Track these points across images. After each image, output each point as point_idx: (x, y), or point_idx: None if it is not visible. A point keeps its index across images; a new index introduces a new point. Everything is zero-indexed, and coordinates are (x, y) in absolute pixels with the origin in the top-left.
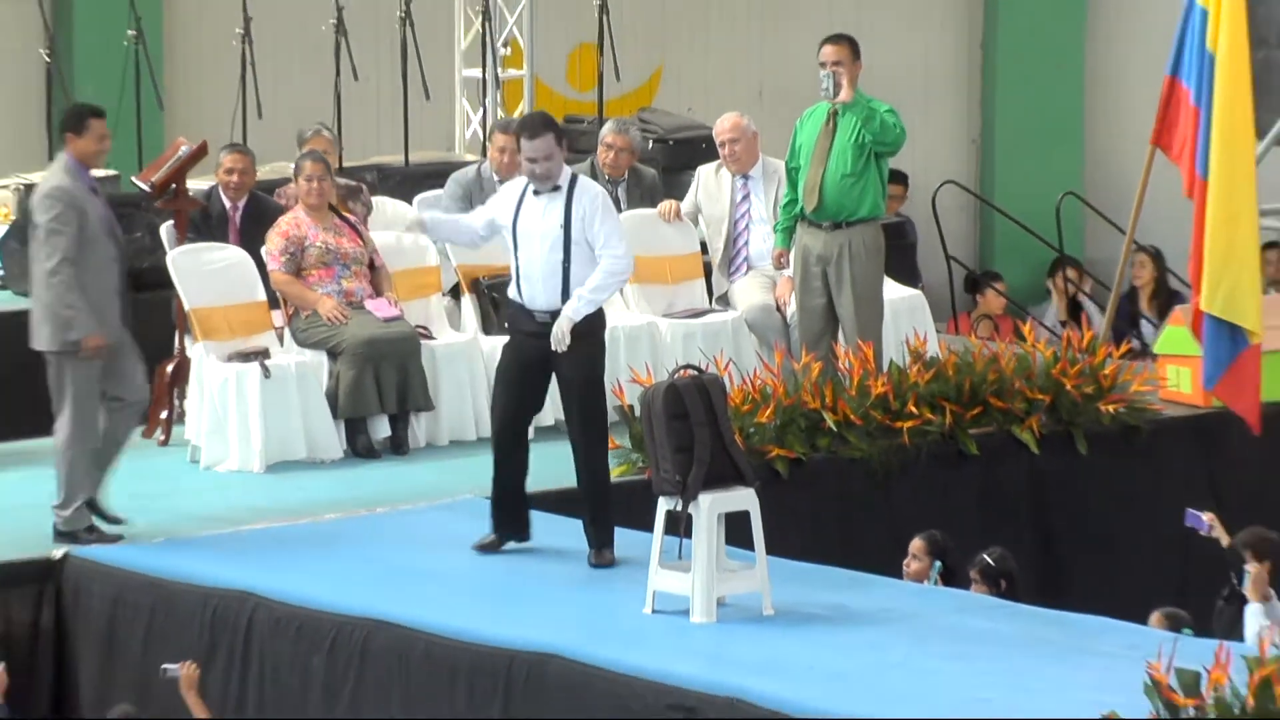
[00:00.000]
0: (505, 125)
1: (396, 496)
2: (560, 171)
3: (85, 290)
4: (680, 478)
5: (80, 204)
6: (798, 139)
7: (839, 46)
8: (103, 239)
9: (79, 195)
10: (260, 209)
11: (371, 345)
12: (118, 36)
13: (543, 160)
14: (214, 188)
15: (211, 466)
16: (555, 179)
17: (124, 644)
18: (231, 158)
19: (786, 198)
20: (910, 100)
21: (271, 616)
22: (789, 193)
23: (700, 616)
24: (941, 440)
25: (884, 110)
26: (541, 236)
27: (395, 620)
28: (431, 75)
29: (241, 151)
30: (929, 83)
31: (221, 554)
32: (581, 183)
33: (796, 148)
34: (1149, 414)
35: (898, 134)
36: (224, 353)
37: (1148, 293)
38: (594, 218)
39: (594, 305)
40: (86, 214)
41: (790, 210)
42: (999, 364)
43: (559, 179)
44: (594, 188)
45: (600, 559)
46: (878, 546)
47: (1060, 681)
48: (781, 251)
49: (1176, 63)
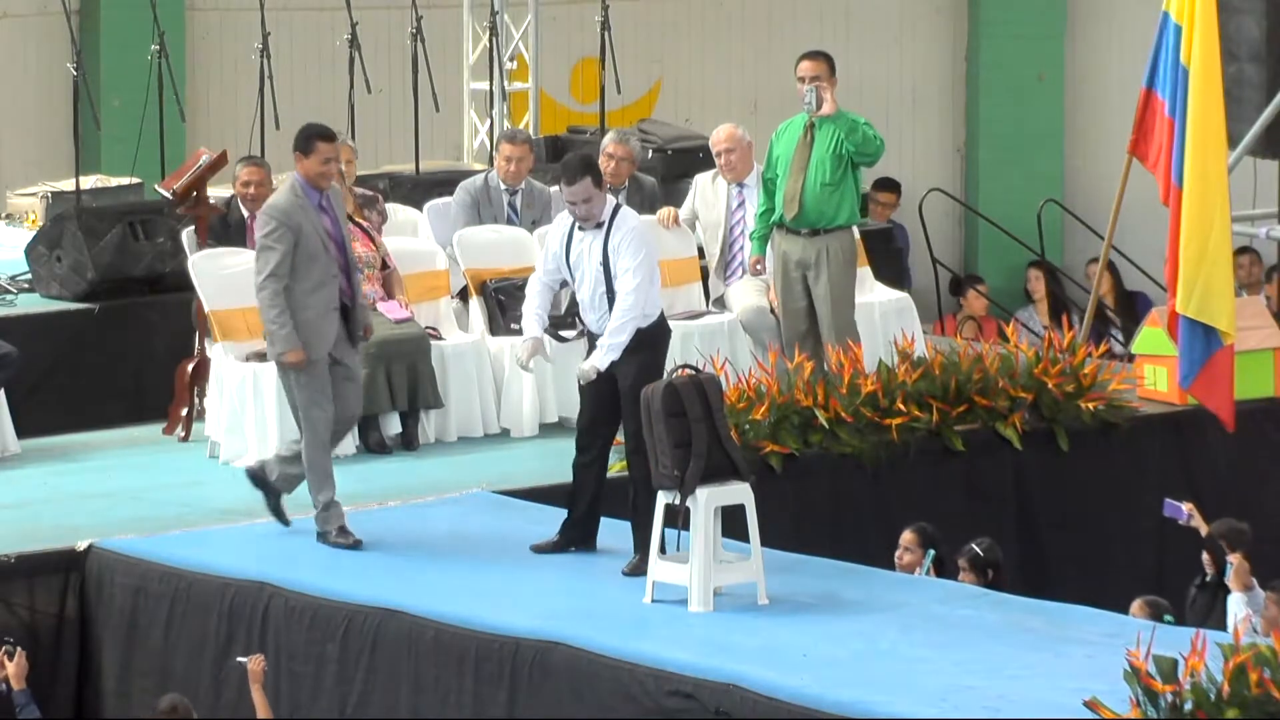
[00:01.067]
0: (512, 136)
1: (407, 490)
2: (602, 209)
3: (298, 307)
4: (679, 473)
5: (296, 221)
6: (774, 150)
7: (817, 62)
8: (322, 257)
9: (296, 213)
10: None
11: (383, 346)
12: (142, 51)
13: (582, 203)
14: (233, 197)
15: (230, 462)
16: (597, 218)
17: (145, 632)
18: (248, 170)
19: (762, 206)
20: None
21: (287, 606)
22: (764, 201)
23: (698, 606)
24: (929, 436)
25: (863, 123)
26: (588, 271)
27: (405, 609)
28: (441, 88)
29: (257, 164)
30: (916, 94)
31: (239, 546)
32: (620, 216)
33: (774, 159)
34: (1127, 411)
35: (878, 145)
36: (242, 353)
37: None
38: (622, 252)
39: (617, 350)
40: (303, 231)
41: (767, 219)
42: (983, 363)
43: (601, 216)
44: (629, 221)
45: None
46: (867, 538)
47: (1043, 669)
48: (758, 258)
49: (1152, 76)
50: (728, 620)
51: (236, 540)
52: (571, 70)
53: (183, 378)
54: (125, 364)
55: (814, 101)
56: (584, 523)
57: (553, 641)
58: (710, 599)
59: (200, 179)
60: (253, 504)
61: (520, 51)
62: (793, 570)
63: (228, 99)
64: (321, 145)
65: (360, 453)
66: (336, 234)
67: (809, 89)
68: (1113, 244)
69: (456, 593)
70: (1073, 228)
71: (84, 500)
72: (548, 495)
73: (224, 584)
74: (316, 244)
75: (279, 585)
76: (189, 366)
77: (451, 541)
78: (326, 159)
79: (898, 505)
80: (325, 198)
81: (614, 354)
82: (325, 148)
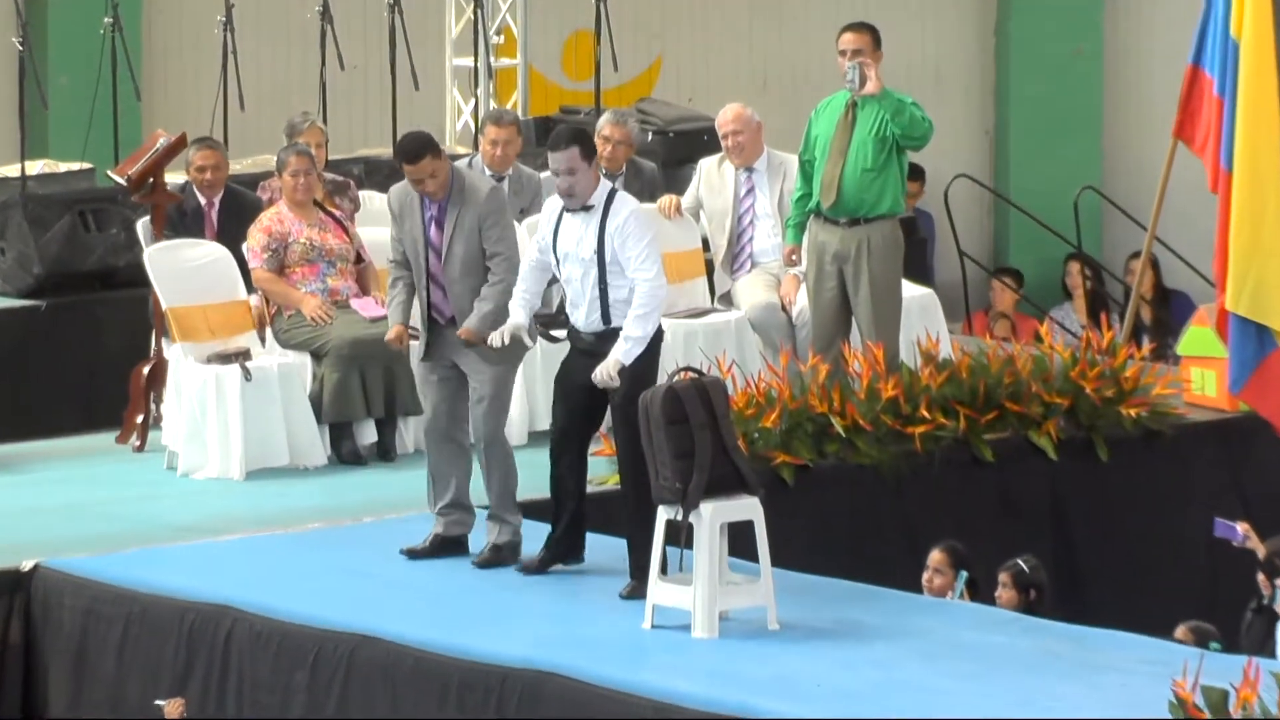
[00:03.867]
0: (498, 117)
1: (383, 505)
2: (590, 190)
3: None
4: (681, 485)
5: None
6: (813, 130)
7: (859, 34)
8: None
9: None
10: (238, 204)
11: (357, 346)
12: (94, 24)
13: (565, 174)
14: (187, 184)
15: (189, 473)
16: (583, 198)
17: (96, 660)
18: (202, 154)
19: (799, 191)
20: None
21: (251, 631)
22: (801, 186)
23: (702, 632)
24: (955, 446)
25: (910, 103)
26: (578, 260)
27: (382, 635)
28: (421, 64)
29: (211, 147)
30: (940, 72)
31: (199, 565)
32: (617, 201)
33: (811, 140)
34: (1172, 418)
35: (926, 128)
36: (203, 354)
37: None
38: (626, 239)
39: (643, 342)
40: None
41: (803, 205)
42: (1015, 366)
43: (589, 198)
44: (628, 206)
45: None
46: (888, 558)
47: (1078, 701)
48: (793, 248)
49: (1199, 51)
50: (735, 648)
51: (196, 559)
52: (563, 45)
53: (138, 381)
54: (75, 366)
55: (856, 79)
56: (568, 536)
57: (544, 671)
58: (715, 624)
59: (157, 164)
60: (214, 520)
61: (507, 24)
62: (806, 593)
63: (187, 77)
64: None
65: (332, 463)
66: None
67: (851, 65)
68: (1156, 235)
69: (438, 617)
70: (1112, 217)
71: (29, 515)
72: (538, 510)
73: (182, 607)
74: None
75: (242, 608)
76: (145, 369)
77: (432, 561)
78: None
79: (921, 521)
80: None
81: (638, 347)
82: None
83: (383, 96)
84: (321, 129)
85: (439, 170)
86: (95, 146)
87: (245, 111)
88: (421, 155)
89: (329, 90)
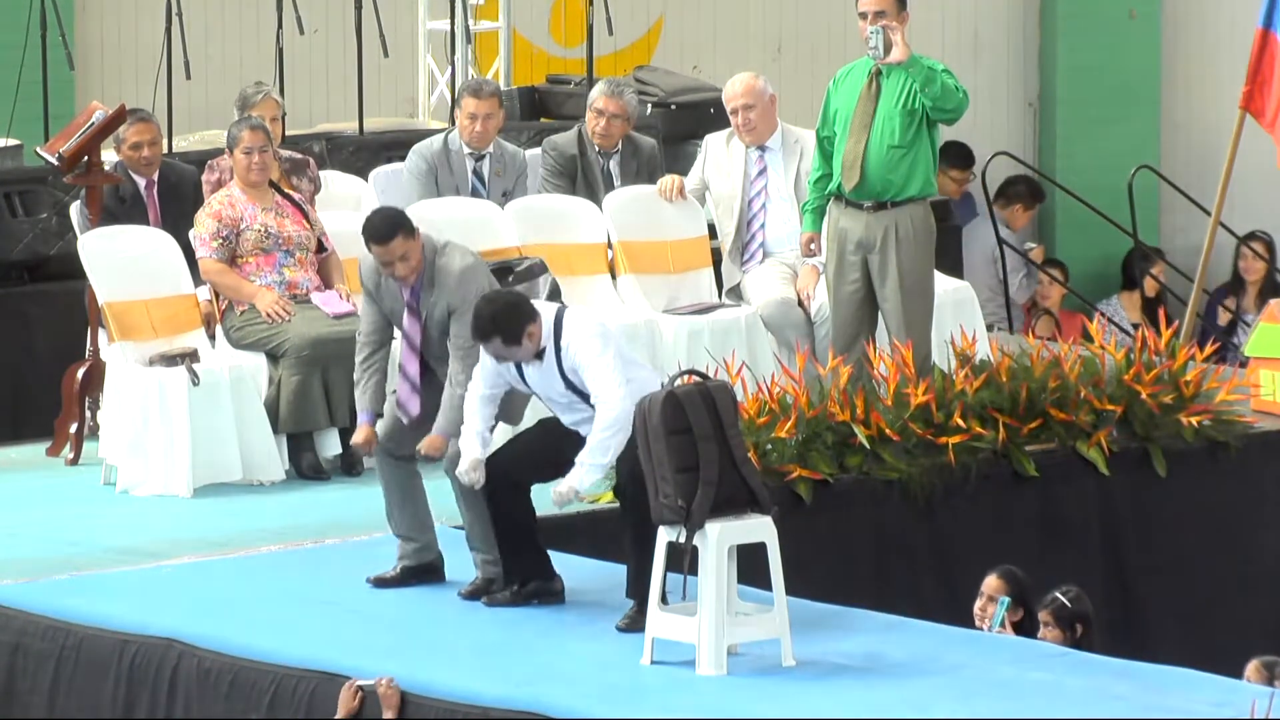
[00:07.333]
0: (477, 88)
1: (348, 526)
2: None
3: None
4: (683, 503)
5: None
6: (831, 104)
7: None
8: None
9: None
10: (174, 181)
11: (319, 346)
12: None
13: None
14: (119, 164)
15: (130, 490)
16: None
17: (25, 700)
18: (136, 129)
19: (817, 172)
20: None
21: (200, 667)
22: (820, 166)
23: (708, 668)
24: (993, 459)
25: (941, 70)
26: (558, 399)
27: (346, 672)
28: (390, 28)
29: (146, 120)
30: (979, 37)
31: (141, 594)
32: (565, 336)
33: (830, 114)
34: (1239, 428)
35: (960, 99)
36: (145, 355)
37: (1255, 289)
38: (581, 370)
39: (600, 470)
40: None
41: (822, 187)
42: (1061, 369)
43: (539, 344)
44: (575, 334)
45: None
46: (917, 584)
47: None
48: (811, 236)
49: (1270, 13)
50: (745, 686)
51: (138, 586)
52: (552, 6)
53: (71, 386)
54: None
55: (879, 45)
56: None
57: (530, 713)
58: (723, 660)
59: (92, 141)
60: (158, 543)
61: None
62: (825, 624)
63: (126, 42)
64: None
65: (291, 478)
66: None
67: (873, 29)
68: (1220, 221)
69: (409, 651)
70: (1171, 200)
71: None
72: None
73: (122, 640)
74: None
75: (190, 642)
76: (79, 372)
77: (403, 589)
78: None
79: (955, 544)
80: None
81: (596, 474)
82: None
83: (347, 64)
84: (277, 101)
85: (411, 252)
86: (22, 121)
87: (191, 81)
88: (392, 236)
89: (286, 57)
